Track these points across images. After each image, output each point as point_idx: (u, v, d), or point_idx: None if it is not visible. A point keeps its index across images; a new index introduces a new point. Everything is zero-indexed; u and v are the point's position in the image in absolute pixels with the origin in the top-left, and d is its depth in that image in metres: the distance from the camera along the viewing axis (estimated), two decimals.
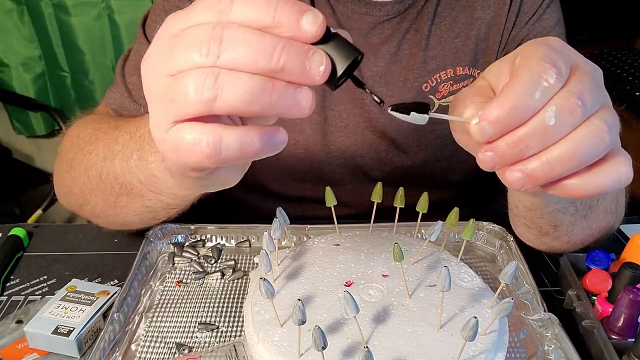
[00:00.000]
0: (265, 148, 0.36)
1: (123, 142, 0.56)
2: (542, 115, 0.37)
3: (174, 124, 0.36)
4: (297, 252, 0.65)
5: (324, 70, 0.34)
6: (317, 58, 0.34)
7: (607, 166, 0.39)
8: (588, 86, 0.38)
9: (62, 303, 0.62)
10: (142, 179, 0.53)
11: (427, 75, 0.77)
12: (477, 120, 0.38)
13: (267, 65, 0.33)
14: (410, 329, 0.54)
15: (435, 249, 0.67)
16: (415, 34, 0.76)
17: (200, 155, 0.35)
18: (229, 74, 0.33)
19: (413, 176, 0.83)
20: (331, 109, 0.78)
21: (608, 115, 0.39)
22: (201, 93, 0.33)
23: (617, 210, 0.68)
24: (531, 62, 0.38)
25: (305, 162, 0.80)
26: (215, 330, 0.61)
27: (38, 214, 1.76)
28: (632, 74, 1.48)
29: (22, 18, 1.76)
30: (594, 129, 0.38)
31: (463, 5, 0.77)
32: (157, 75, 0.36)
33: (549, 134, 0.37)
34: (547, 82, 0.37)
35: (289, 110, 0.35)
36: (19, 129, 1.95)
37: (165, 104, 0.35)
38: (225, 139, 0.34)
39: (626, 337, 0.58)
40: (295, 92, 0.34)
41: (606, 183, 0.39)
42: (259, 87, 0.33)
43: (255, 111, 0.34)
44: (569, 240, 0.65)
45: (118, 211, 0.62)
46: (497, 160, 0.39)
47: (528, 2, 0.77)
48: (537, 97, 0.37)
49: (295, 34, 0.34)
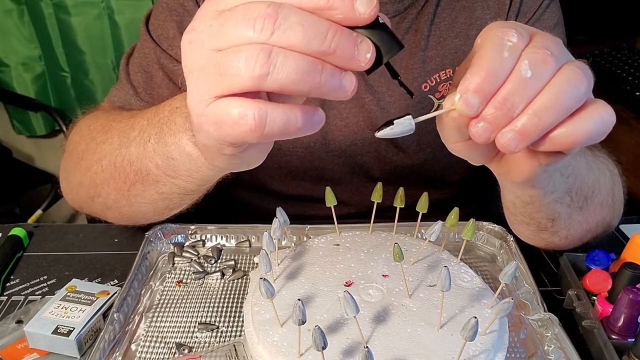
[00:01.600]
0: (307, 126, 0.37)
1: (140, 128, 0.56)
2: (518, 70, 0.38)
3: (216, 99, 0.36)
4: (297, 252, 0.65)
5: (369, 57, 0.36)
6: (365, 46, 0.36)
7: (589, 110, 0.40)
8: (551, 41, 0.40)
9: (62, 303, 0.62)
10: (159, 162, 0.53)
11: (427, 75, 0.77)
12: (459, 96, 0.39)
13: (319, 47, 0.34)
14: (410, 329, 0.54)
15: (435, 249, 0.67)
16: (415, 34, 0.77)
17: (245, 129, 0.36)
18: (282, 52, 0.34)
19: (413, 175, 0.83)
20: (331, 108, 0.78)
21: (579, 63, 0.40)
22: (253, 69, 0.34)
23: (614, 204, 0.68)
24: (490, 32, 0.40)
25: (305, 161, 0.80)
26: (215, 330, 0.61)
27: (38, 214, 1.76)
28: (632, 74, 1.48)
29: (22, 18, 1.75)
30: (570, 73, 0.39)
31: (463, 6, 0.77)
32: (202, 49, 0.36)
33: (529, 86, 0.38)
34: (511, 41, 0.39)
35: (334, 92, 0.36)
36: (19, 129, 1.95)
37: (211, 78, 0.36)
38: (271, 114, 0.36)
39: (626, 337, 0.58)
40: (342, 75, 0.36)
41: (592, 126, 0.40)
42: (309, 67, 0.34)
43: (303, 91, 0.35)
44: (567, 235, 0.65)
45: (132, 200, 0.62)
46: (490, 127, 0.39)
47: (528, 3, 0.77)
48: (506, 56, 0.38)
49: (348, 16, 0.35)
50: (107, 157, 0.61)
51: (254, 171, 0.84)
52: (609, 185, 0.66)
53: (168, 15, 0.77)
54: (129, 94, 0.78)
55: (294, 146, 0.79)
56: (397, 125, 0.41)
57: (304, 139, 0.79)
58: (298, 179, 0.83)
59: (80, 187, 0.68)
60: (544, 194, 0.57)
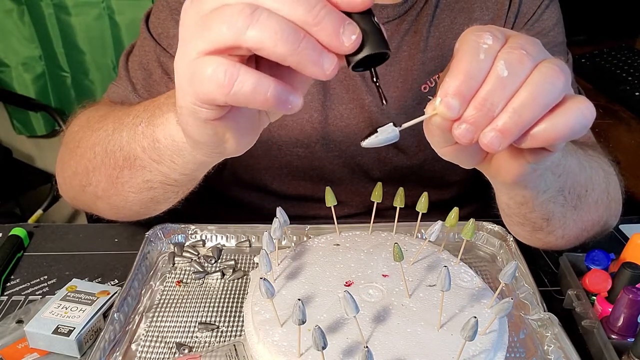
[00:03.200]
0: (277, 101, 0.37)
1: (135, 114, 0.58)
2: (495, 71, 0.39)
3: (199, 55, 0.37)
4: (297, 252, 0.65)
5: (354, 40, 0.36)
6: (351, 28, 0.36)
7: (568, 105, 0.41)
8: (527, 42, 0.40)
9: (62, 303, 0.62)
10: (146, 145, 0.55)
11: (426, 77, 0.78)
12: (440, 100, 0.40)
13: (304, 15, 0.35)
14: (410, 329, 0.54)
15: (435, 249, 0.67)
16: (414, 35, 0.77)
17: (213, 84, 0.37)
18: (266, 11, 0.35)
19: (413, 176, 0.83)
20: (332, 109, 0.78)
21: (556, 60, 0.41)
22: (235, 21, 0.35)
23: (609, 203, 0.68)
24: (466, 36, 0.41)
25: (306, 161, 0.80)
26: (215, 330, 0.61)
27: (38, 214, 1.76)
28: (632, 74, 1.48)
29: (22, 18, 1.75)
30: (546, 70, 0.40)
31: (461, 7, 0.77)
32: (197, 11, 0.38)
33: (507, 85, 0.39)
34: (486, 43, 0.39)
35: (312, 66, 0.36)
36: (19, 129, 1.95)
37: (198, 34, 0.37)
38: (243, 75, 0.36)
39: (626, 337, 0.58)
40: (322, 52, 0.36)
41: (572, 120, 0.41)
42: (290, 31, 0.35)
43: (279, 53, 0.35)
44: (563, 234, 0.66)
45: (119, 188, 0.63)
46: (472, 128, 0.40)
47: (527, 3, 0.77)
48: (482, 58, 0.39)
49: None
50: (100, 144, 0.62)
51: (254, 172, 0.85)
52: (603, 183, 0.66)
53: (168, 14, 0.77)
54: (128, 90, 0.78)
55: (294, 146, 0.79)
56: (381, 133, 0.42)
57: (304, 139, 0.79)
58: (298, 179, 0.83)
59: (74, 175, 0.69)
60: (537, 194, 0.57)
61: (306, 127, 0.78)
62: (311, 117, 0.77)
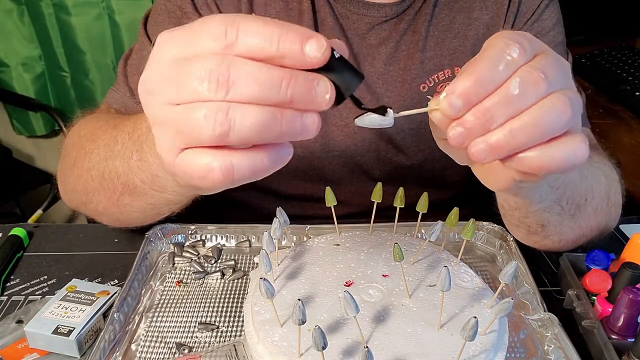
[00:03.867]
0: (274, 165, 0.39)
1: (122, 142, 0.57)
2: (507, 86, 0.38)
3: (182, 151, 0.37)
4: (297, 252, 0.65)
5: (329, 98, 0.36)
6: (322, 86, 0.36)
7: (564, 141, 0.40)
8: (552, 65, 0.40)
9: (62, 303, 0.62)
10: (144, 178, 0.54)
11: (425, 76, 0.78)
12: (445, 95, 0.39)
13: (276, 98, 0.35)
14: (410, 329, 0.54)
15: (435, 249, 0.67)
16: (413, 34, 0.77)
17: (213, 181, 0.37)
18: (239, 108, 0.34)
19: (412, 175, 0.83)
20: (331, 108, 0.78)
21: (572, 93, 0.40)
22: (213, 128, 0.34)
23: (609, 209, 0.68)
24: (496, 40, 0.40)
25: (305, 161, 0.80)
26: (215, 330, 0.61)
27: (38, 214, 1.76)
28: (632, 74, 1.48)
29: (22, 18, 1.75)
30: (557, 102, 0.39)
31: (461, 6, 0.77)
32: (160, 103, 0.37)
33: (513, 104, 0.38)
34: (511, 56, 0.39)
35: (298, 136, 0.37)
36: (19, 129, 1.95)
37: (173, 133, 0.36)
38: (237, 163, 0.36)
39: (626, 337, 0.58)
40: (303, 118, 0.37)
41: (561, 156, 0.40)
42: (269, 118, 0.35)
43: (267, 140, 0.36)
44: (560, 239, 0.66)
45: (122, 209, 0.63)
46: (466, 134, 0.39)
47: (527, 3, 0.77)
48: (500, 69, 0.38)
49: (300, 63, 0.35)
50: (95, 168, 0.61)
51: None
52: (604, 191, 0.66)
53: (166, 17, 0.77)
54: (126, 96, 0.78)
55: (293, 146, 0.79)
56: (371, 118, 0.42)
57: (304, 139, 0.79)
58: (298, 179, 0.83)
59: (74, 192, 0.69)
60: (530, 203, 0.57)
61: None
62: None
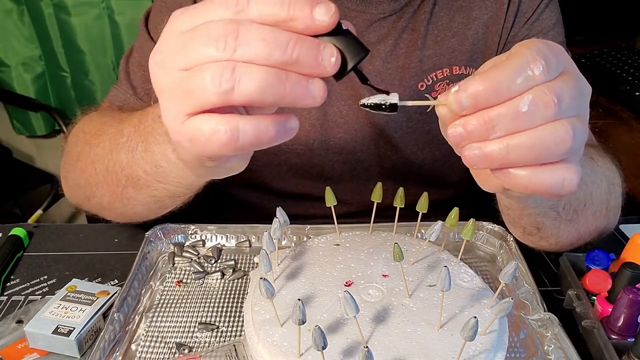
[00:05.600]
0: (279, 134, 0.38)
1: (128, 135, 0.57)
2: (517, 101, 0.38)
3: (188, 116, 0.37)
4: (297, 252, 0.65)
5: (334, 62, 0.36)
6: (329, 51, 0.36)
7: (556, 168, 0.40)
8: (570, 90, 0.39)
9: (62, 303, 0.62)
10: (148, 169, 0.54)
11: (423, 74, 0.78)
12: (457, 89, 0.39)
13: (281, 57, 0.35)
14: (410, 329, 0.54)
15: (435, 249, 0.67)
16: (412, 33, 0.77)
17: (218, 144, 0.37)
18: (244, 66, 0.35)
19: (412, 174, 0.83)
20: (331, 105, 0.78)
21: (580, 124, 0.40)
22: (219, 85, 0.35)
23: (608, 213, 0.68)
24: (524, 50, 0.39)
25: (305, 159, 0.80)
26: (215, 330, 0.61)
27: (38, 214, 1.76)
28: (632, 74, 1.48)
29: (22, 18, 1.75)
30: (560, 130, 0.38)
31: (460, 5, 0.77)
32: (169, 70, 0.37)
33: (517, 120, 0.38)
34: (532, 71, 0.38)
35: (303, 100, 0.37)
36: (19, 129, 1.95)
37: (180, 97, 0.37)
38: (242, 127, 0.37)
39: (626, 337, 0.58)
40: (308, 83, 0.37)
41: (549, 183, 0.40)
42: (273, 78, 0.35)
43: (270, 101, 0.36)
44: (556, 242, 0.66)
45: (125, 202, 0.63)
46: (465, 135, 0.39)
47: (526, 2, 0.77)
48: (518, 82, 0.38)
49: (309, 25, 0.36)
50: (100, 161, 0.62)
51: (254, 170, 0.85)
52: (604, 196, 0.66)
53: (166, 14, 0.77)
54: (128, 93, 0.78)
55: (293, 144, 0.79)
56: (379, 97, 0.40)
57: (303, 136, 0.79)
58: (298, 177, 0.83)
59: (78, 187, 0.69)
60: (523, 207, 0.56)
61: (305, 124, 0.78)
62: (309, 114, 0.77)
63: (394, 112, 0.41)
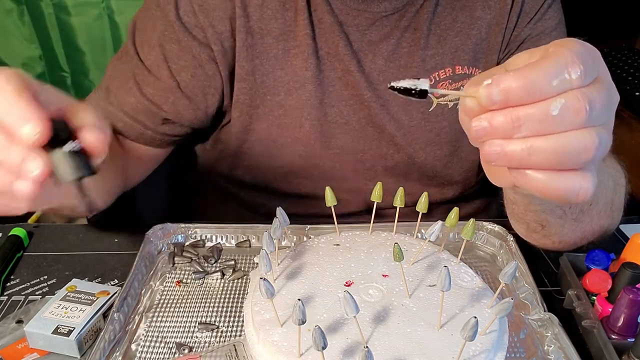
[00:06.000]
0: None
1: None
2: (549, 103, 0.37)
3: None
4: (297, 252, 0.65)
5: (39, 174, 0.42)
6: (33, 163, 0.42)
7: (574, 175, 0.40)
8: (602, 99, 0.38)
9: (62, 303, 0.62)
10: None
11: (426, 74, 0.78)
12: (489, 82, 0.38)
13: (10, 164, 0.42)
14: (410, 329, 0.54)
15: (435, 249, 0.67)
16: (415, 32, 0.77)
17: None
18: None
19: (414, 173, 0.83)
20: (331, 106, 0.78)
21: (605, 134, 0.39)
22: None
23: (612, 213, 0.68)
24: (564, 51, 0.38)
25: (306, 159, 0.80)
26: (215, 330, 0.61)
27: (38, 213, 1.75)
28: (632, 74, 1.48)
29: (22, 18, 1.75)
30: (586, 139, 0.38)
31: (463, 5, 0.77)
32: None
33: (545, 123, 0.37)
34: (570, 75, 0.37)
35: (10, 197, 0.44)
36: None
37: None
38: None
39: (626, 337, 0.58)
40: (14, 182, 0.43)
41: (564, 190, 0.40)
42: None
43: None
44: (560, 240, 0.66)
45: None
46: (489, 130, 0.39)
47: (530, 2, 0.77)
48: (553, 84, 0.37)
49: (20, 139, 0.42)
50: None
51: (254, 170, 0.85)
52: (610, 196, 0.66)
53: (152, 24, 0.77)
54: (101, 97, 0.79)
55: (293, 144, 0.79)
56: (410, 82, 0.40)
57: (304, 137, 0.79)
58: (299, 177, 0.83)
59: None
60: (529, 203, 0.56)
61: (305, 125, 0.78)
62: (310, 114, 0.77)
63: (422, 98, 0.40)
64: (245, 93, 0.77)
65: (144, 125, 0.78)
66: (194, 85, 0.76)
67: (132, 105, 0.77)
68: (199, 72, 0.76)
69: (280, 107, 0.77)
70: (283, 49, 0.75)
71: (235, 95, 0.78)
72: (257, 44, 0.75)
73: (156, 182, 0.95)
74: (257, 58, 0.75)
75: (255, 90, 0.77)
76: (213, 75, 0.76)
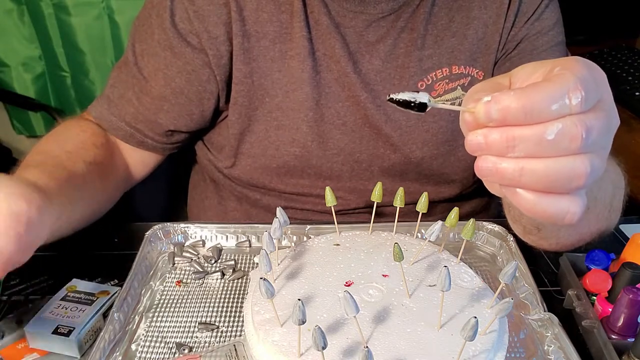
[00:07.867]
0: None
1: None
2: (545, 127, 0.37)
3: None
4: (297, 252, 0.65)
5: None
6: None
7: (563, 199, 0.40)
8: (600, 126, 0.38)
9: (62, 303, 0.62)
10: None
11: (423, 74, 0.78)
12: (489, 99, 0.38)
13: None
14: (410, 329, 0.54)
15: (435, 249, 0.67)
16: (411, 32, 0.77)
17: None
18: None
19: (412, 173, 0.83)
20: (328, 107, 0.78)
21: (598, 161, 0.39)
22: None
23: (610, 215, 0.68)
24: (568, 76, 0.38)
25: (303, 160, 0.81)
26: (215, 330, 0.61)
27: None
28: (632, 74, 1.48)
29: (22, 18, 1.75)
30: (579, 166, 0.38)
31: (460, 5, 0.77)
32: None
33: (540, 146, 0.37)
34: (570, 100, 0.37)
35: None
36: (19, 129, 1.95)
37: None
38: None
39: (626, 337, 0.58)
40: None
41: (552, 212, 0.40)
42: None
43: None
44: (557, 242, 0.66)
45: None
46: (483, 147, 0.39)
47: (527, 2, 0.77)
48: (552, 109, 0.37)
49: None
50: None
51: (252, 171, 0.85)
52: (608, 200, 0.66)
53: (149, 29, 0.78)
54: (103, 107, 0.81)
55: (291, 145, 0.79)
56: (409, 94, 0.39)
57: (301, 138, 0.79)
58: (297, 177, 0.83)
59: None
60: None
61: (302, 126, 0.78)
62: (306, 116, 0.78)
63: (422, 111, 0.40)
64: (243, 95, 0.78)
65: (145, 135, 0.80)
66: (188, 90, 0.78)
67: (132, 115, 0.79)
68: (193, 77, 0.77)
69: (277, 109, 0.78)
70: (280, 51, 0.76)
71: (233, 98, 0.78)
72: (254, 46, 0.75)
73: (156, 182, 0.95)
74: (254, 61, 0.76)
75: (253, 92, 0.77)
76: (208, 80, 0.77)
